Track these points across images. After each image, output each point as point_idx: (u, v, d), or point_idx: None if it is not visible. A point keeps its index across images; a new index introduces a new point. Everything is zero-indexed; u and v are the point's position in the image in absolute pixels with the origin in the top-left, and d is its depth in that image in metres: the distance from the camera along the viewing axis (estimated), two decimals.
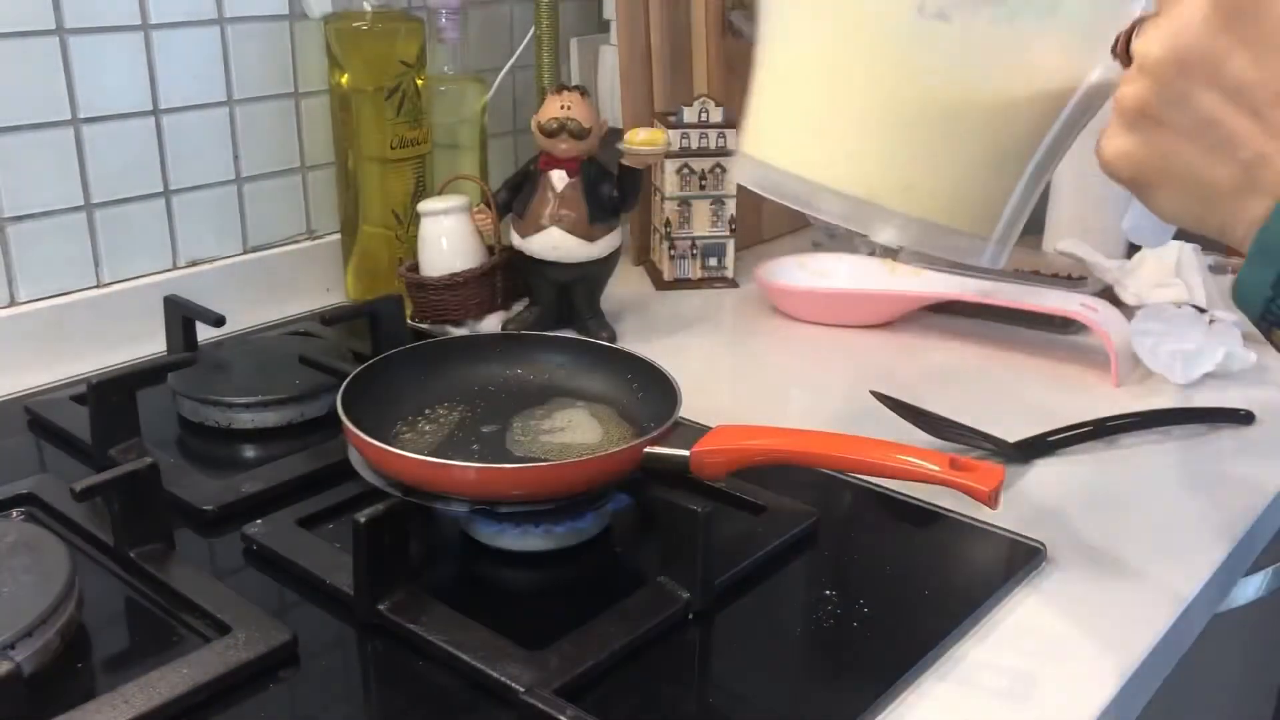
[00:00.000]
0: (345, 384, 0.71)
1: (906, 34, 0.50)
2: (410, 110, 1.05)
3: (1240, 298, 0.45)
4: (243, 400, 0.83)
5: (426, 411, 0.75)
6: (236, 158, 1.05)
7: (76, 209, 0.96)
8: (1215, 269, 1.03)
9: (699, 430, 0.66)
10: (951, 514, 0.72)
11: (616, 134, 1.04)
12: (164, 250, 1.02)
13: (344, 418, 0.67)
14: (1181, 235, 0.99)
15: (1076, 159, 1.17)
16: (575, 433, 0.74)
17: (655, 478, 0.68)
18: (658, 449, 0.65)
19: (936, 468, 0.58)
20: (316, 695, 0.57)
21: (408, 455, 0.65)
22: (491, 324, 1.04)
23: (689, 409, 0.72)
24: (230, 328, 0.94)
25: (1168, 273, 0.97)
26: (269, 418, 0.83)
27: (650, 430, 0.68)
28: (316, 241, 1.13)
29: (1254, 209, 0.44)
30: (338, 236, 1.13)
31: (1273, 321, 0.44)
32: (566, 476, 0.65)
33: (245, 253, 1.08)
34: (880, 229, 0.52)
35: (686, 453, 0.64)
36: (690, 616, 0.62)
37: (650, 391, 0.75)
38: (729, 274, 1.17)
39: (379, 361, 0.75)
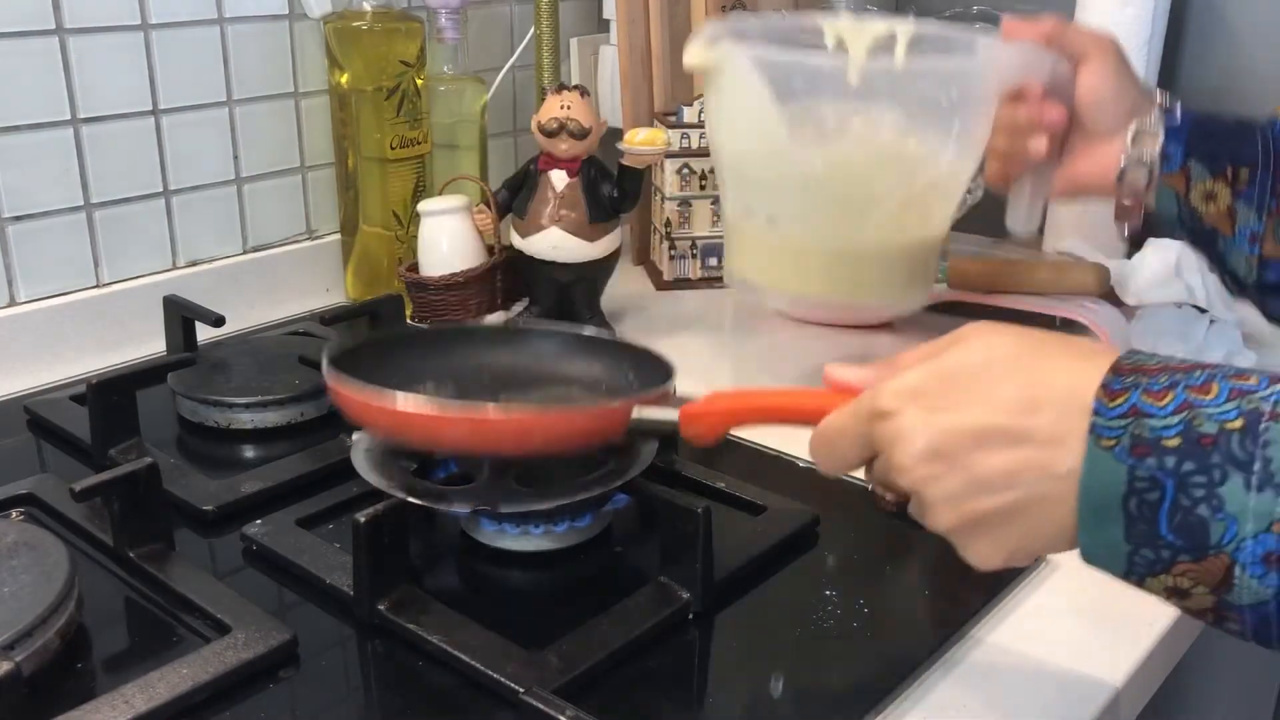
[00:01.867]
0: (331, 355, 0.68)
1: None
2: (410, 110, 1.05)
3: (1096, 562, 0.45)
4: (243, 400, 0.83)
5: (417, 386, 0.71)
6: (236, 158, 1.05)
7: (76, 209, 0.96)
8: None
9: (687, 399, 0.63)
10: None
11: (616, 134, 1.04)
12: (164, 250, 1.02)
13: (331, 373, 0.65)
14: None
15: None
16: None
17: (653, 475, 0.68)
18: (647, 411, 0.62)
19: None
20: (316, 695, 0.57)
21: (398, 397, 0.62)
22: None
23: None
24: (230, 328, 0.94)
25: (1168, 273, 0.97)
26: (269, 418, 0.83)
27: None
28: (316, 241, 1.13)
29: (1061, 504, 0.45)
30: (338, 236, 1.13)
31: (1143, 572, 0.44)
32: (554, 426, 0.62)
33: (245, 253, 1.08)
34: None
35: (675, 414, 0.61)
36: (690, 616, 0.62)
37: (645, 376, 0.73)
38: None
39: (366, 343, 0.74)
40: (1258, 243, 0.68)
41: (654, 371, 0.72)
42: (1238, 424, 0.41)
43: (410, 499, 0.63)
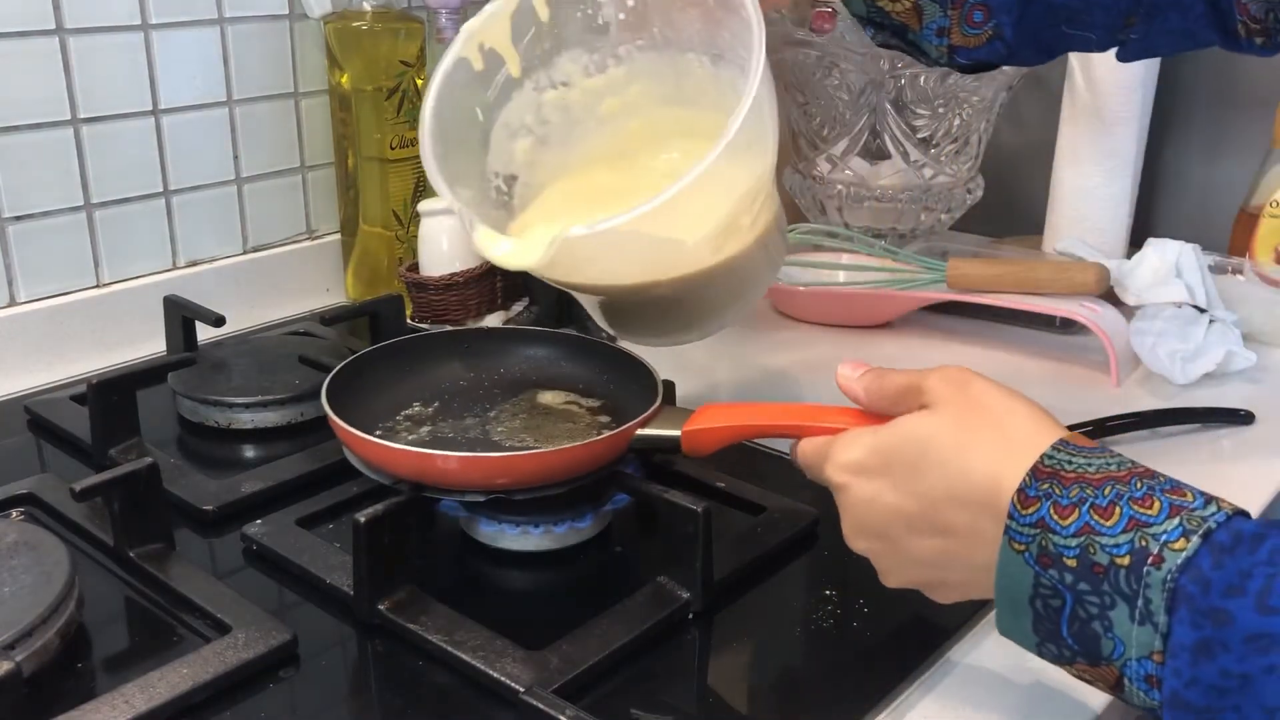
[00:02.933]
0: (327, 383, 0.70)
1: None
2: (410, 110, 1.05)
3: (1011, 639, 0.50)
4: (243, 400, 0.83)
5: (406, 409, 0.75)
6: (236, 158, 1.05)
7: (76, 209, 0.96)
8: (1215, 269, 1.03)
9: (683, 412, 0.66)
10: None
11: None
12: (164, 250, 1.02)
13: (330, 413, 0.67)
14: (1180, 235, 1.00)
15: (1075, 161, 1.17)
16: (555, 422, 0.74)
17: (653, 475, 0.68)
18: (649, 430, 0.66)
19: None
20: (316, 695, 0.57)
21: (404, 449, 0.65)
22: (491, 324, 1.04)
23: (687, 406, 0.72)
24: (230, 328, 0.94)
25: (1168, 273, 0.97)
26: (269, 418, 0.83)
27: (632, 415, 0.68)
28: (316, 241, 1.13)
29: (984, 584, 0.50)
30: (338, 236, 1.13)
31: (1049, 659, 0.48)
32: (558, 463, 0.65)
33: (245, 253, 1.08)
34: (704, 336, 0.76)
35: (678, 432, 0.65)
36: (690, 616, 0.62)
37: (625, 379, 0.75)
38: None
39: (356, 360, 0.75)
40: (945, 35, 0.70)
41: (634, 377, 0.73)
42: (1125, 560, 0.44)
43: (424, 494, 0.64)
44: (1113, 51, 0.74)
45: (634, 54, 0.76)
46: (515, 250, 0.66)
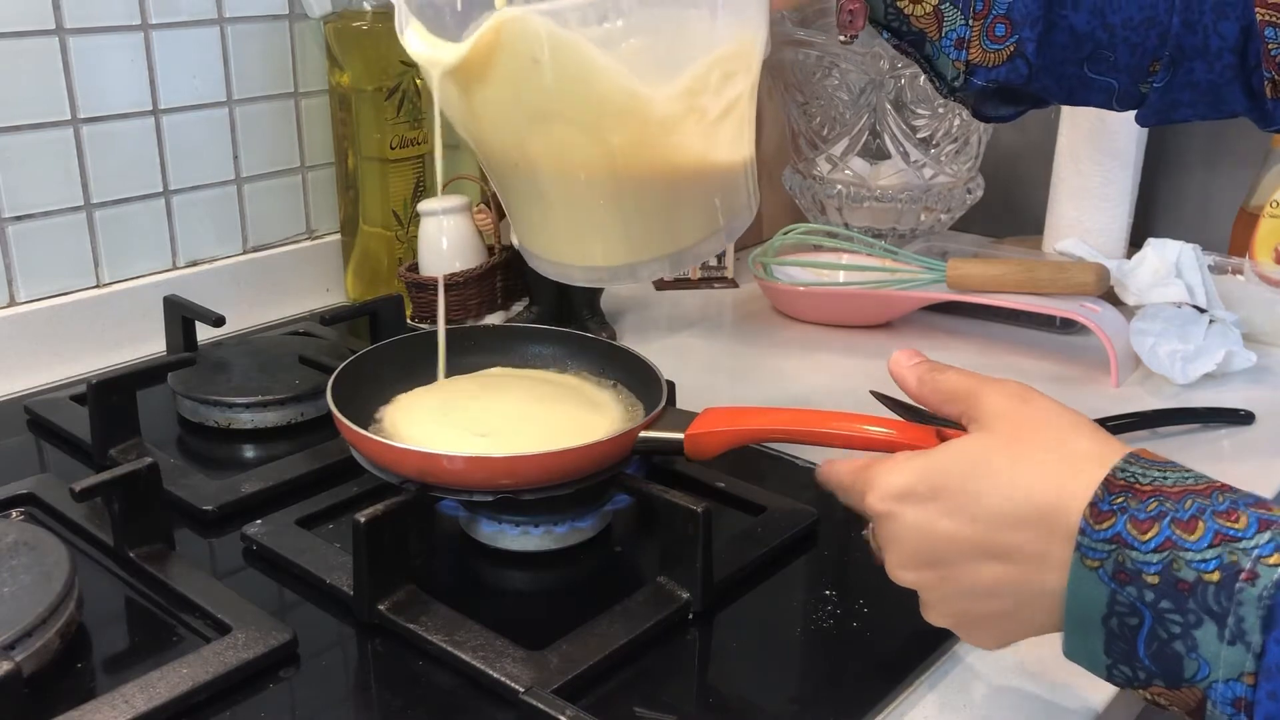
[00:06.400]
0: (331, 381, 0.70)
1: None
2: (410, 110, 1.05)
3: (1077, 662, 0.47)
4: (243, 400, 0.83)
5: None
6: (236, 158, 1.05)
7: (76, 209, 0.96)
8: (1215, 269, 1.03)
9: (686, 415, 0.66)
10: None
11: None
12: (164, 250, 1.02)
13: (335, 412, 0.67)
14: (1180, 235, 1.00)
15: (1075, 161, 1.17)
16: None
17: (653, 475, 0.68)
18: (652, 433, 0.66)
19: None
20: (316, 695, 0.57)
21: (410, 448, 0.65)
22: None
23: (688, 407, 0.72)
24: (230, 328, 0.94)
25: (1168, 273, 0.97)
26: (269, 418, 0.83)
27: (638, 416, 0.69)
28: (316, 241, 1.13)
29: (1047, 613, 0.48)
30: (338, 236, 1.13)
31: (1121, 683, 0.46)
32: (562, 464, 0.65)
33: (245, 253, 1.08)
34: (633, 277, 0.68)
35: (681, 435, 0.65)
36: (690, 616, 0.62)
37: (629, 377, 0.75)
38: (729, 274, 1.17)
39: (359, 358, 0.75)
40: (964, 48, 0.67)
41: (640, 377, 0.73)
42: (1215, 576, 0.41)
43: (432, 493, 0.64)
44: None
45: None
46: (443, 48, 0.63)
